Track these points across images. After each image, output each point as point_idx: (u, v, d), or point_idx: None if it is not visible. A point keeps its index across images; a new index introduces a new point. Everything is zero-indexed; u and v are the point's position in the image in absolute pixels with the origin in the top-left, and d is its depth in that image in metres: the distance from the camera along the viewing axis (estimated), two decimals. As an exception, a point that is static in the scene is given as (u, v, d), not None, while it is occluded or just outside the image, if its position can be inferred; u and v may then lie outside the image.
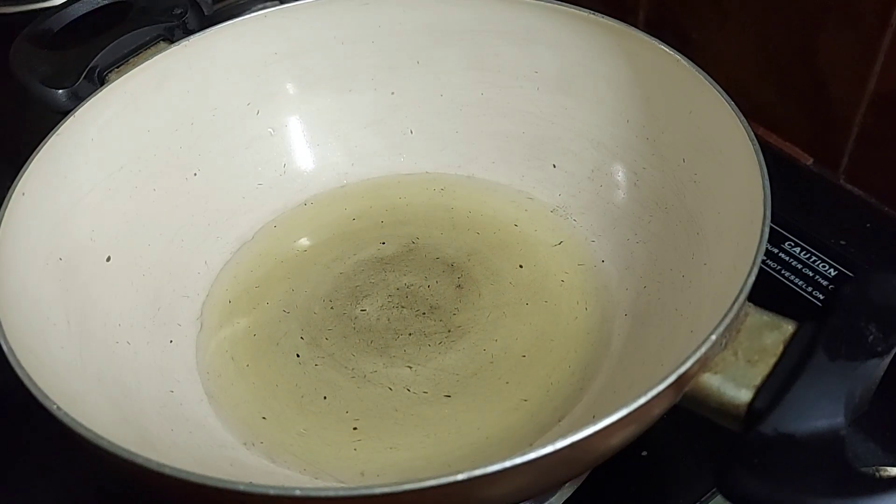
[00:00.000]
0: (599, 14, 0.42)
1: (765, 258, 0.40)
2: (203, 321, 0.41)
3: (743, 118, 0.36)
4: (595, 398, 0.37)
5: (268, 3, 0.50)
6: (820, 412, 0.28)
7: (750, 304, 0.31)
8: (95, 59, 0.43)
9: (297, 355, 0.40)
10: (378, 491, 0.25)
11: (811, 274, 0.46)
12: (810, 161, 0.53)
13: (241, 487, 0.25)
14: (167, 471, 0.26)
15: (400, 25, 0.46)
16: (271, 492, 0.25)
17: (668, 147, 0.41)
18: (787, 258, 0.47)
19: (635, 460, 0.38)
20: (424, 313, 0.41)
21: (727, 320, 0.29)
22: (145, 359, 0.37)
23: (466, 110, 0.47)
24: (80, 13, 0.48)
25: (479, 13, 0.45)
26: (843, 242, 0.48)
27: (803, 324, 0.31)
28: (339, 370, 0.39)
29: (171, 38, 0.45)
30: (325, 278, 0.43)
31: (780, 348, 0.30)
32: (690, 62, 0.39)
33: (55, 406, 0.28)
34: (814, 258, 0.46)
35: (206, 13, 0.47)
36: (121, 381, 0.35)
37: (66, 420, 0.27)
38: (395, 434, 0.37)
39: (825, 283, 0.45)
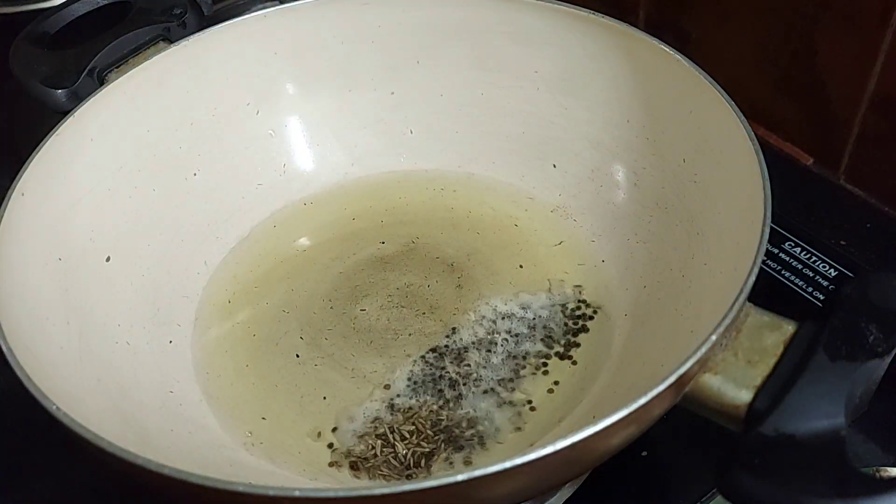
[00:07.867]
0: (600, 14, 0.42)
1: (765, 258, 0.40)
2: (202, 321, 0.41)
3: (743, 118, 0.36)
4: (595, 399, 0.37)
5: (268, 3, 0.50)
6: (820, 412, 0.28)
7: (750, 304, 0.31)
8: (95, 59, 0.43)
9: (297, 355, 0.40)
10: (378, 491, 0.25)
11: (811, 274, 0.46)
12: (810, 161, 0.53)
13: (241, 488, 0.25)
14: (167, 471, 0.26)
15: (400, 25, 0.46)
16: (270, 492, 0.25)
17: (669, 147, 0.41)
18: (787, 258, 0.47)
19: (635, 460, 0.38)
20: (424, 313, 0.41)
21: (727, 321, 0.29)
22: (145, 359, 0.37)
23: (466, 110, 0.47)
24: (80, 13, 0.48)
25: (480, 13, 0.45)
26: (843, 242, 0.48)
27: (804, 324, 0.31)
28: (338, 370, 0.39)
29: (171, 38, 0.45)
30: (325, 278, 0.43)
31: (781, 349, 0.30)
32: (690, 62, 0.39)
33: (55, 406, 0.28)
34: (814, 258, 0.46)
35: (205, 13, 0.47)
36: (120, 382, 0.35)
37: (65, 420, 0.27)
38: (395, 434, 0.37)
39: (825, 283, 0.45)
